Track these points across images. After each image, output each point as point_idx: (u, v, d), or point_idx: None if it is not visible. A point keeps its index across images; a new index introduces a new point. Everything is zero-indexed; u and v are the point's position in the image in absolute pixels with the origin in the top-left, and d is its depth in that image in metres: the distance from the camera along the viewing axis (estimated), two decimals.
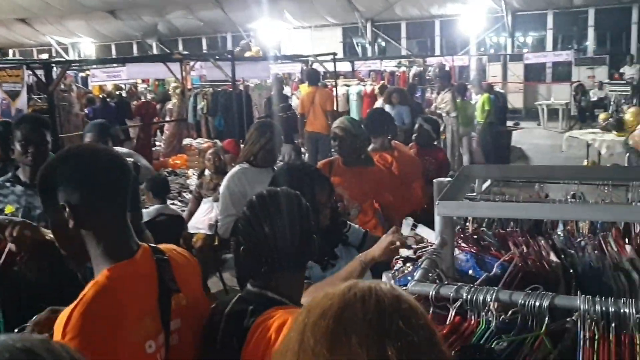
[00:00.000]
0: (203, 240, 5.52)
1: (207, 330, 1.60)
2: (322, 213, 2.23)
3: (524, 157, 12.45)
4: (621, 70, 17.44)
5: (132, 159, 7.72)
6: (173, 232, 5.09)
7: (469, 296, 1.26)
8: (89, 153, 1.56)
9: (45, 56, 19.93)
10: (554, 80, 19.14)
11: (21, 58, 19.98)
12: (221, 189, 3.91)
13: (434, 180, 1.63)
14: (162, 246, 1.66)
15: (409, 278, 1.92)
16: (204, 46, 24.14)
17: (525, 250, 1.77)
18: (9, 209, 2.87)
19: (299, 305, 1.55)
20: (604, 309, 1.17)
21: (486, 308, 1.26)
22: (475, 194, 1.96)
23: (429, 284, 1.35)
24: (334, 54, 11.55)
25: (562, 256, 1.80)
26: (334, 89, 10.82)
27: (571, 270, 1.72)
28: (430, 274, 1.43)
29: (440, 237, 1.59)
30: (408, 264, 1.95)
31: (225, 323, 1.56)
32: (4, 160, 3.72)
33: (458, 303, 1.29)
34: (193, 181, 8.13)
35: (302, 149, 10.00)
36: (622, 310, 1.17)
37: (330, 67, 11.48)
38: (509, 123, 13.83)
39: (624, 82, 16.05)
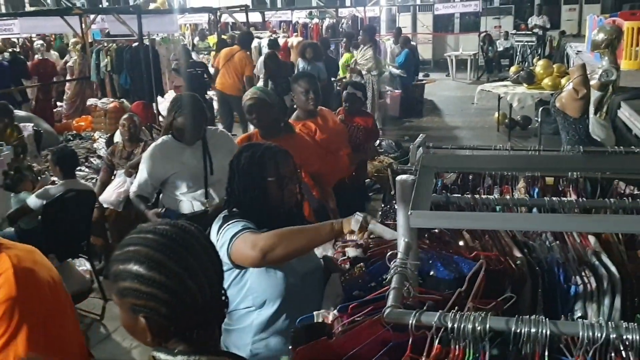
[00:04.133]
0: (117, 215, 5.17)
1: None
2: (288, 188, 2.19)
3: (436, 110, 12.66)
4: (528, 21, 18.00)
5: (31, 124, 7.14)
6: (84, 208, 4.71)
7: (455, 324, 1.13)
8: None
9: None
10: (462, 31, 19.48)
11: None
12: (143, 158, 3.66)
13: (397, 179, 1.47)
14: None
15: (363, 281, 1.79)
16: None
17: (489, 243, 1.67)
18: None
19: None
20: (604, 335, 1.07)
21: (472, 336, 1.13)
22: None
23: (406, 312, 1.20)
24: (246, 5, 11.06)
25: (525, 250, 1.71)
26: None
27: (537, 268, 1.64)
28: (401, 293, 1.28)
29: (405, 242, 1.45)
30: (359, 265, 1.81)
31: None
32: None
33: (441, 332, 1.15)
34: (100, 145, 7.61)
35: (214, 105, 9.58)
36: (624, 337, 1.07)
37: (240, 18, 11.01)
38: (419, 75, 13.97)
39: (530, 32, 16.58)
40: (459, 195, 1.90)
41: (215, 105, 9.58)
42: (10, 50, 10.77)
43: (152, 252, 1.23)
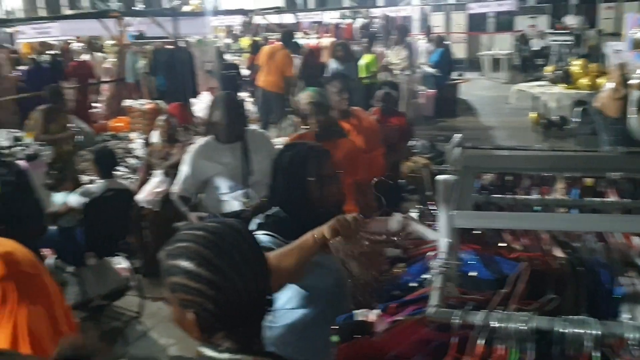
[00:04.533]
0: (154, 214, 5.26)
1: None
2: (329, 188, 2.18)
3: (470, 110, 12.52)
4: (563, 20, 17.66)
5: (72, 124, 7.32)
6: (122, 207, 4.80)
7: (500, 324, 1.12)
8: None
9: None
10: (497, 30, 19.22)
11: None
12: (184, 159, 3.71)
13: (438, 179, 1.47)
14: None
15: (408, 279, 1.79)
16: None
17: (530, 243, 1.65)
18: None
19: None
20: None
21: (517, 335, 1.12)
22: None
23: (450, 311, 1.20)
24: (279, 7, 11.13)
25: (568, 250, 1.69)
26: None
27: (580, 269, 1.61)
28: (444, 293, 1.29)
29: (446, 242, 1.45)
30: (399, 265, 1.81)
31: None
32: None
33: (486, 333, 1.15)
34: (136, 145, 7.76)
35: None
36: None
37: (273, 20, 11.08)
38: (453, 74, 13.83)
39: (566, 31, 16.26)
40: (500, 195, 1.88)
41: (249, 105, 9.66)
42: (52, 52, 11.03)
43: (201, 249, 1.26)
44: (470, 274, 1.66)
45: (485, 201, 1.79)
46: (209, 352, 1.29)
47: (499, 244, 1.76)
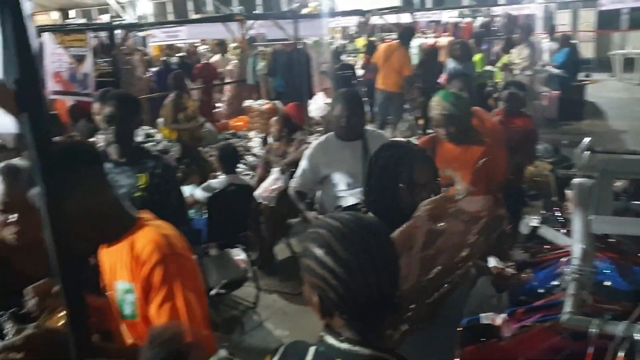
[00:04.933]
0: (270, 210, 5.44)
1: None
2: (421, 196, 2.08)
3: (598, 113, 11.75)
4: None
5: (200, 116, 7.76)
6: (242, 202, 5.01)
7: None
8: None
9: (106, 17, 20.05)
10: (632, 27, 17.85)
11: (85, 21, 20.16)
12: (304, 155, 3.77)
13: (574, 182, 1.40)
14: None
15: (535, 285, 1.72)
16: (258, 0, 23.76)
17: None
18: None
19: None
20: None
21: None
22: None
23: (587, 319, 1.14)
24: (396, 7, 11.07)
25: None
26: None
27: None
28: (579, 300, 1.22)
29: (581, 248, 1.37)
30: (526, 270, 1.74)
31: None
32: None
33: (627, 345, 1.08)
34: (254, 143, 8.07)
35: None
36: None
37: (390, 20, 11.04)
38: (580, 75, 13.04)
39: None
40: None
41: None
42: (179, 55, 11.74)
43: (332, 239, 1.30)
44: (605, 283, 1.57)
45: (624, 207, 1.68)
46: (329, 340, 1.33)
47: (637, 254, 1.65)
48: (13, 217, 1.88)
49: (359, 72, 11.15)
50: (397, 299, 1.35)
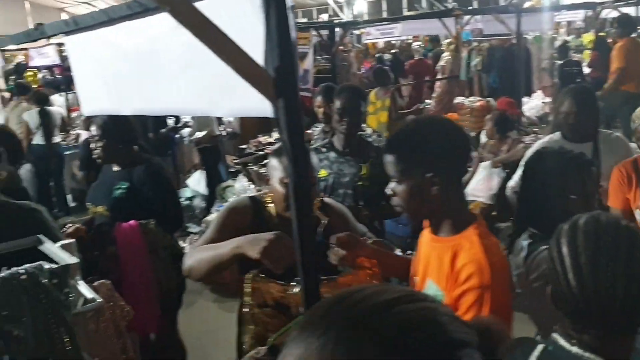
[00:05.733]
0: (481, 209, 5.28)
1: None
2: (590, 205, 1.93)
3: None
4: None
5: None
6: None
7: None
8: (446, 124, 1.72)
9: (325, 16, 21.20)
10: None
11: (306, 20, 21.52)
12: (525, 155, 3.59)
13: None
14: None
15: None
16: None
17: None
18: (323, 172, 3.03)
19: None
20: None
21: None
22: None
23: None
24: None
25: None
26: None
27: None
28: None
29: None
30: None
31: None
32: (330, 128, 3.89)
33: None
34: None
35: None
36: None
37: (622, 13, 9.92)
38: None
39: None
40: None
41: None
42: (391, 51, 11.96)
43: (579, 238, 1.25)
44: None
45: None
46: (560, 340, 1.28)
47: None
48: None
49: (586, 69, 10.28)
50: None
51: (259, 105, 1.47)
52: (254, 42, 1.40)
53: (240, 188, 6.56)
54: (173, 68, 1.82)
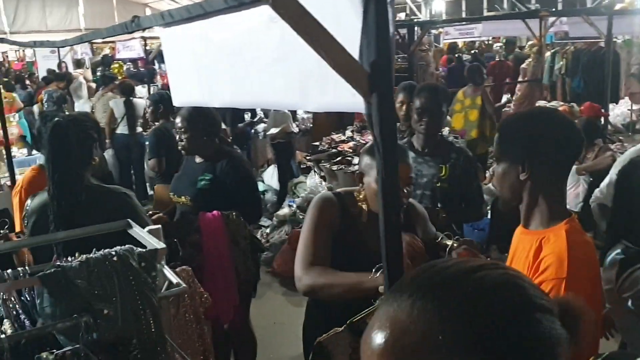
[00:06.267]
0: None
1: None
2: None
3: None
4: None
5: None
6: None
7: None
8: (556, 118, 1.68)
9: (402, 15, 20.98)
10: None
11: None
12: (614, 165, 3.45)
13: None
14: None
15: None
16: None
17: None
18: None
19: None
20: None
21: None
22: None
23: None
24: None
25: None
26: None
27: None
28: None
29: None
30: None
31: None
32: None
33: None
34: None
35: None
36: None
37: None
38: None
39: None
40: None
41: None
42: (471, 52, 11.69)
43: None
44: None
45: None
46: None
47: None
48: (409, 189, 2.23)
49: None
50: None
51: (351, 100, 1.45)
52: (350, 36, 1.39)
53: (312, 184, 6.60)
54: (265, 61, 1.83)
